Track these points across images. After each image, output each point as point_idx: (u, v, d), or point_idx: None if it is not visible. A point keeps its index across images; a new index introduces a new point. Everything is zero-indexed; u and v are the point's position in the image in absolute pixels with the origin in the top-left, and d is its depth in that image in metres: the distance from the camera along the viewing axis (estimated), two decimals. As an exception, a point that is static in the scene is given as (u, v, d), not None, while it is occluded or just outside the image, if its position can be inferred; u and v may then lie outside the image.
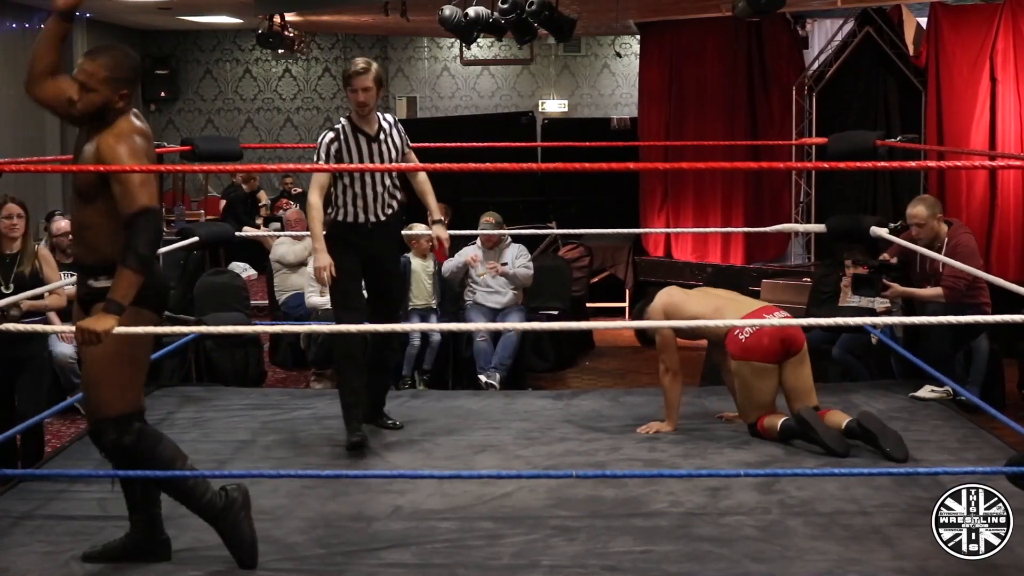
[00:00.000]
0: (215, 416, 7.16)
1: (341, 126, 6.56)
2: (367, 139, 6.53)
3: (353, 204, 6.52)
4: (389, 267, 6.80)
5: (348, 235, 6.53)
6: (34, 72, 4.60)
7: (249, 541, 4.84)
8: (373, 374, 6.86)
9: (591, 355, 11.71)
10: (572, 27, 10.70)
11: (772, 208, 13.59)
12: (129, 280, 4.36)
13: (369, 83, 6.44)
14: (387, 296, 6.84)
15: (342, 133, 6.53)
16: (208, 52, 19.91)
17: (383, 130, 6.60)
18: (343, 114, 6.97)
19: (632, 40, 18.05)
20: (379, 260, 6.67)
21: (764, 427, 6.57)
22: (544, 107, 19.07)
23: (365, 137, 6.53)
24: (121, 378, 4.65)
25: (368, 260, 6.61)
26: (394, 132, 6.65)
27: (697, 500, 5.57)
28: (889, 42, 12.72)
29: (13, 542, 5.12)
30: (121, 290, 4.36)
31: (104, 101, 4.53)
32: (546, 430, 6.90)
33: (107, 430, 4.66)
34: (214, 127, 19.73)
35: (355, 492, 5.72)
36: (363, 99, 6.45)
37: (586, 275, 12.67)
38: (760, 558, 4.89)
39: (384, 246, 6.70)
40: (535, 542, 5.10)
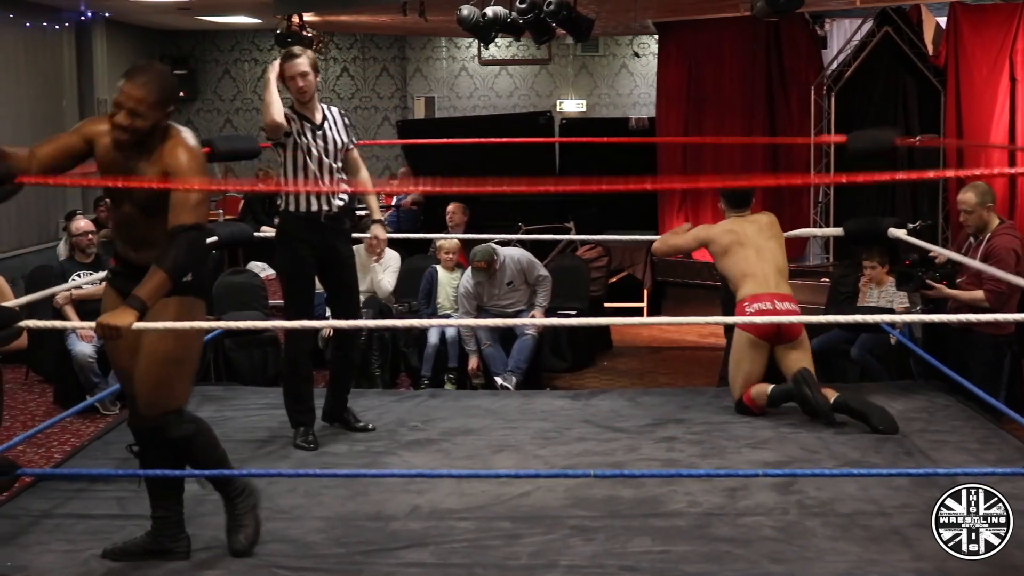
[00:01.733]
0: (233, 415, 7.17)
1: (285, 113, 6.50)
2: (312, 127, 6.52)
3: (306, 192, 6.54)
4: (344, 258, 6.76)
5: (301, 231, 6.54)
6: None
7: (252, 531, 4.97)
8: (336, 372, 6.92)
9: (609, 355, 11.70)
10: (590, 27, 10.69)
11: (791, 208, 13.54)
12: (162, 283, 4.44)
13: (305, 68, 6.45)
14: (346, 287, 6.82)
15: (287, 118, 6.49)
16: (227, 52, 19.94)
17: (328, 119, 6.60)
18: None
19: (650, 40, 18.03)
20: (334, 252, 6.66)
21: (752, 397, 7.02)
22: (562, 107, 19.05)
23: (309, 123, 6.52)
24: (186, 371, 4.82)
25: (323, 254, 6.61)
26: (339, 122, 6.65)
27: (715, 500, 5.57)
28: (908, 42, 12.69)
29: (32, 540, 5.14)
30: (150, 290, 4.42)
31: (153, 125, 4.56)
32: (564, 430, 6.90)
33: (174, 423, 4.79)
34: (233, 127, 19.75)
35: (373, 491, 5.73)
36: (301, 84, 6.45)
37: (604, 275, 12.64)
38: (779, 559, 4.89)
39: (337, 239, 6.69)
40: (553, 542, 5.10)
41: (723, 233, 7.36)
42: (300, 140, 6.47)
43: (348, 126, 6.72)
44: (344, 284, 6.79)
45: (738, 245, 7.25)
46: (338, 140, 6.60)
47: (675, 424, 6.96)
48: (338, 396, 6.92)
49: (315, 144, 6.50)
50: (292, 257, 6.54)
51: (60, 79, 16.05)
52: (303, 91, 6.47)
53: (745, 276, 7.17)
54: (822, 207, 13.30)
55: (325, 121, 6.58)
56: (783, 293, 7.16)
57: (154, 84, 4.55)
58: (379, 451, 6.51)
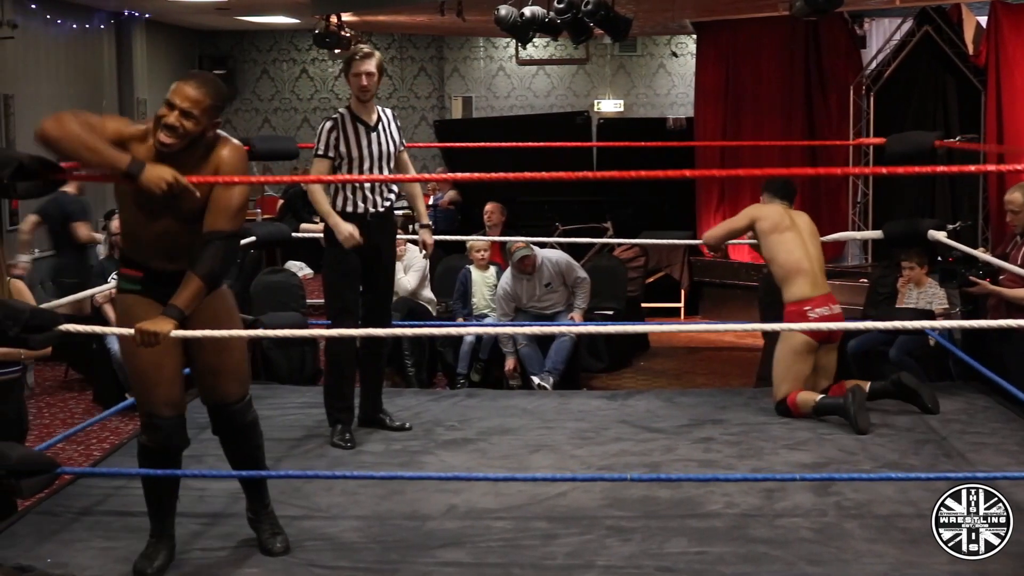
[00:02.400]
0: (271, 414, 7.19)
1: (340, 115, 6.58)
2: (366, 128, 6.55)
3: (353, 193, 6.56)
4: (386, 259, 6.80)
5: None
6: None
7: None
8: (367, 371, 6.93)
9: (646, 355, 11.69)
10: (628, 27, 10.67)
11: (829, 209, 13.49)
12: (198, 291, 4.51)
13: (372, 68, 6.48)
14: (383, 286, 6.85)
15: (341, 121, 6.54)
16: (265, 52, 20.04)
17: (382, 121, 6.62)
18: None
19: (688, 40, 18.00)
20: (377, 252, 6.68)
21: (796, 403, 6.97)
22: (599, 107, 19.05)
23: (364, 126, 6.55)
24: (246, 360, 5.00)
25: (367, 253, 6.62)
26: (392, 126, 6.68)
27: (752, 501, 5.55)
28: (948, 41, 12.61)
29: (72, 537, 5.18)
30: (188, 299, 4.49)
31: (202, 130, 4.55)
32: (601, 430, 6.89)
33: (248, 407, 4.96)
34: (271, 127, 19.86)
35: (410, 491, 5.74)
36: (366, 83, 6.48)
37: (641, 275, 12.63)
38: (816, 560, 4.87)
39: (382, 238, 6.71)
40: (590, 542, 5.09)
41: (774, 212, 7.37)
42: (347, 146, 6.50)
43: (400, 129, 6.75)
44: (381, 283, 6.82)
45: (788, 228, 7.26)
46: (391, 143, 6.62)
47: (712, 425, 6.94)
48: (372, 397, 6.94)
49: (368, 147, 6.53)
50: (338, 255, 6.55)
51: (100, 79, 16.16)
52: (365, 90, 6.50)
53: (799, 271, 7.14)
54: (860, 207, 13.24)
55: (379, 123, 6.60)
56: (832, 295, 7.24)
57: (211, 89, 4.54)
58: (416, 450, 6.51)
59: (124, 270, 4.74)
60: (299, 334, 6.20)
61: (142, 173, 4.36)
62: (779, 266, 7.24)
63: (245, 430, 4.97)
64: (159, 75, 17.63)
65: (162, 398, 4.70)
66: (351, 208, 6.57)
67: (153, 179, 4.37)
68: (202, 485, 5.71)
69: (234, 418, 4.93)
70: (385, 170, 6.59)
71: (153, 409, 4.71)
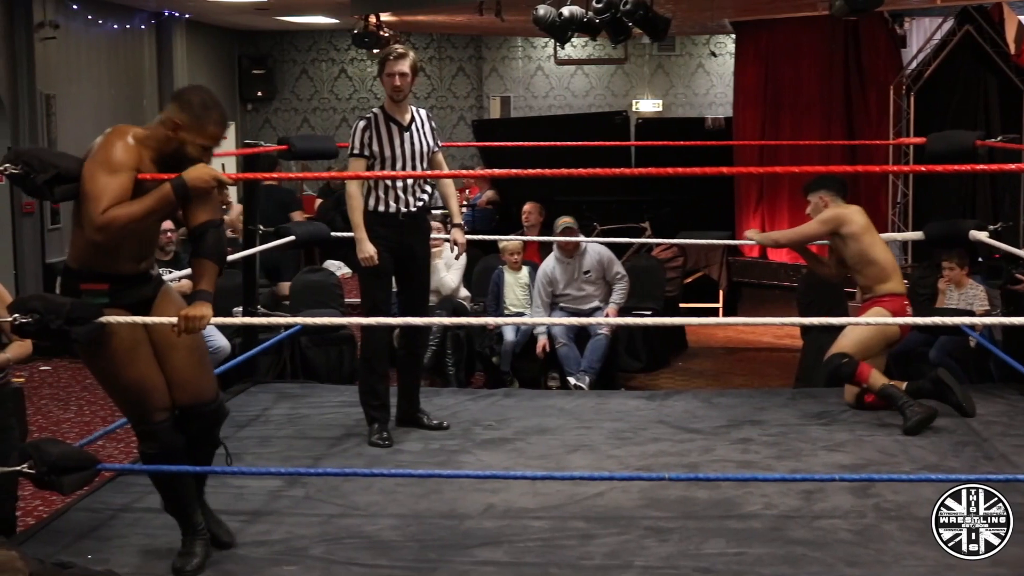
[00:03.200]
0: (309, 413, 7.22)
1: (374, 114, 6.60)
2: (399, 128, 6.56)
3: (385, 193, 6.56)
4: (419, 258, 6.81)
5: (380, 228, 6.56)
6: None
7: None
8: (405, 371, 6.94)
9: (684, 356, 11.66)
10: (667, 26, 10.65)
11: (869, 209, 13.20)
12: (217, 274, 4.65)
13: (406, 68, 6.49)
14: (419, 286, 6.87)
15: (374, 121, 6.56)
16: (304, 52, 20.11)
17: (415, 121, 6.63)
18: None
19: (727, 39, 17.96)
20: (410, 252, 6.70)
21: (867, 375, 6.88)
22: (638, 107, 19.03)
23: (397, 126, 6.56)
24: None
25: (400, 253, 6.64)
26: (426, 126, 6.67)
27: (791, 503, 5.53)
28: (989, 40, 12.53)
29: (112, 534, 5.21)
30: (210, 282, 4.61)
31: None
32: (639, 430, 6.88)
33: (223, 403, 5.01)
34: (310, 126, 19.92)
35: (448, 490, 5.74)
36: (399, 83, 6.49)
37: (680, 275, 12.60)
38: (855, 562, 4.84)
39: (415, 238, 6.73)
40: (628, 542, 5.08)
41: (856, 212, 7.29)
42: (380, 146, 6.51)
43: (434, 129, 6.76)
44: (417, 283, 6.84)
45: (872, 230, 7.26)
46: (425, 143, 6.63)
47: (751, 425, 6.92)
48: (409, 397, 6.95)
49: (401, 147, 6.54)
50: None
51: (140, 79, 16.27)
52: (399, 90, 6.51)
53: (895, 268, 7.18)
54: (900, 208, 13.17)
55: (413, 123, 6.61)
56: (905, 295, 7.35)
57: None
58: (453, 450, 6.52)
59: (86, 285, 4.64)
60: (332, 322, 6.23)
61: (186, 184, 4.45)
62: (878, 265, 7.15)
63: (218, 427, 4.97)
64: (199, 75, 17.72)
65: (157, 403, 4.71)
66: (383, 208, 6.57)
67: (200, 181, 4.46)
68: (240, 483, 5.74)
69: (214, 415, 4.91)
70: (419, 170, 6.61)
71: (150, 417, 4.70)
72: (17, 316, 4.55)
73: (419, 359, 7.13)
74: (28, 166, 4.62)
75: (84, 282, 4.64)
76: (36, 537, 5.15)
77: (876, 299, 7.11)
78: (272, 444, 6.59)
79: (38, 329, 4.54)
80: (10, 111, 13.05)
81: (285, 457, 6.34)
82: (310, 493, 5.69)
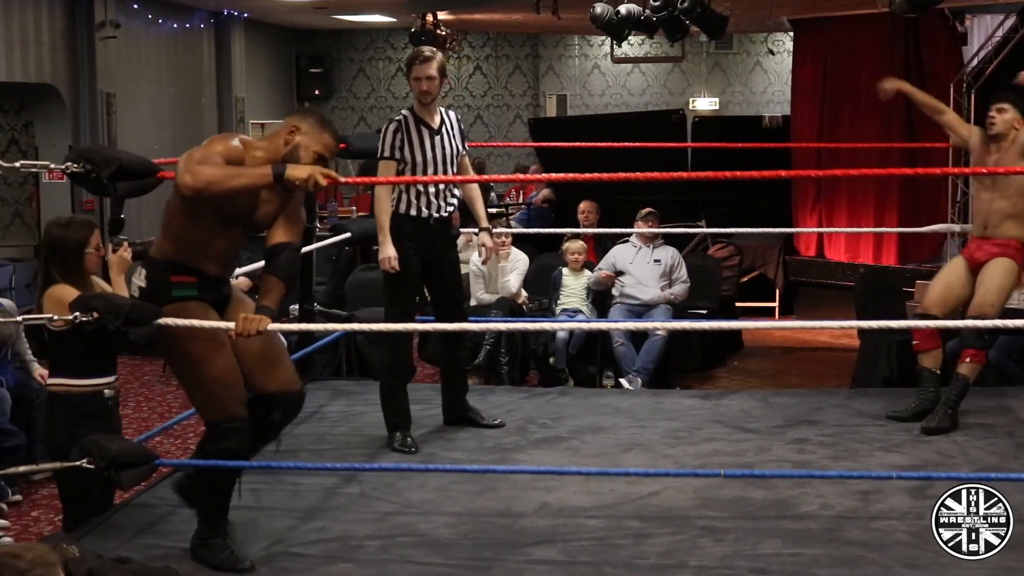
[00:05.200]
0: (365, 410, 7.24)
1: (403, 117, 6.57)
2: (429, 131, 6.54)
3: (416, 198, 6.53)
4: (450, 262, 6.79)
5: (409, 231, 6.53)
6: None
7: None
8: (449, 374, 6.93)
9: (740, 355, 11.60)
10: (724, 24, 10.61)
11: (928, 208, 13.32)
12: (283, 294, 4.68)
13: (433, 71, 6.46)
14: (449, 286, 6.83)
15: (405, 124, 6.53)
16: (361, 51, 20.18)
17: (445, 124, 6.60)
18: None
19: (785, 37, 17.84)
20: (440, 256, 6.68)
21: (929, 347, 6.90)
22: (695, 105, 18.95)
23: (427, 129, 6.53)
24: None
25: (429, 257, 6.62)
26: (455, 129, 6.65)
27: (848, 503, 5.49)
28: (1051, 38, 12.38)
29: (169, 530, 5.25)
30: (276, 300, 4.64)
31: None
32: (694, 430, 6.86)
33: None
34: (367, 125, 19.98)
35: (502, 488, 5.75)
36: (426, 87, 6.47)
37: (736, 274, 12.54)
38: (913, 564, 4.80)
39: (444, 243, 6.71)
40: (682, 542, 5.07)
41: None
42: (410, 149, 6.50)
43: (463, 131, 6.75)
44: (447, 283, 6.80)
45: None
46: (453, 147, 6.62)
47: (807, 426, 6.88)
48: (455, 397, 6.93)
49: (432, 151, 6.54)
50: (398, 259, 6.54)
51: (199, 78, 16.40)
52: (427, 93, 6.49)
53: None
54: (960, 207, 13.04)
55: (443, 126, 6.59)
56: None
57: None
58: (508, 448, 6.52)
59: (176, 277, 4.71)
60: (387, 328, 6.22)
61: (285, 173, 4.45)
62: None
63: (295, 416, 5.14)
64: (257, 74, 17.83)
65: (239, 397, 4.78)
66: (415, 212, 6.54)
67: (297, 176, 4.45)
68: (296, 480, 5.77)
69: (298, 404, 5.04)
70: (449, 174, 6.59)
71: (232, 411, 4.75)
72: (78, 315, 4.60)
73: (461, 366, 7.12)
74: (91, 163, 4.68)
75: (174, 274, 4.72)
76: (95, 531, 5.20)
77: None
78: (328, 441, 6.63)
79: (97, 328, 4.58)
80: (71, 110, 13.20)
81: (341, 454, 6.37)
82: (365, 490, 5.72)
